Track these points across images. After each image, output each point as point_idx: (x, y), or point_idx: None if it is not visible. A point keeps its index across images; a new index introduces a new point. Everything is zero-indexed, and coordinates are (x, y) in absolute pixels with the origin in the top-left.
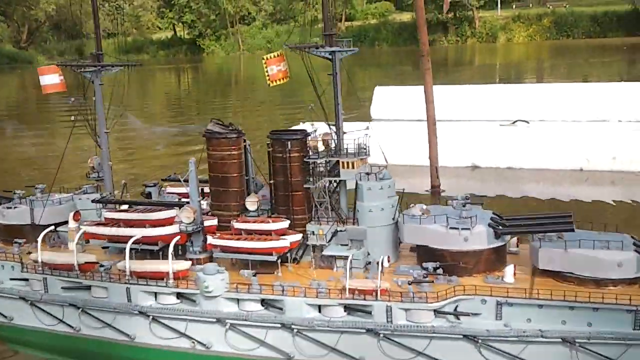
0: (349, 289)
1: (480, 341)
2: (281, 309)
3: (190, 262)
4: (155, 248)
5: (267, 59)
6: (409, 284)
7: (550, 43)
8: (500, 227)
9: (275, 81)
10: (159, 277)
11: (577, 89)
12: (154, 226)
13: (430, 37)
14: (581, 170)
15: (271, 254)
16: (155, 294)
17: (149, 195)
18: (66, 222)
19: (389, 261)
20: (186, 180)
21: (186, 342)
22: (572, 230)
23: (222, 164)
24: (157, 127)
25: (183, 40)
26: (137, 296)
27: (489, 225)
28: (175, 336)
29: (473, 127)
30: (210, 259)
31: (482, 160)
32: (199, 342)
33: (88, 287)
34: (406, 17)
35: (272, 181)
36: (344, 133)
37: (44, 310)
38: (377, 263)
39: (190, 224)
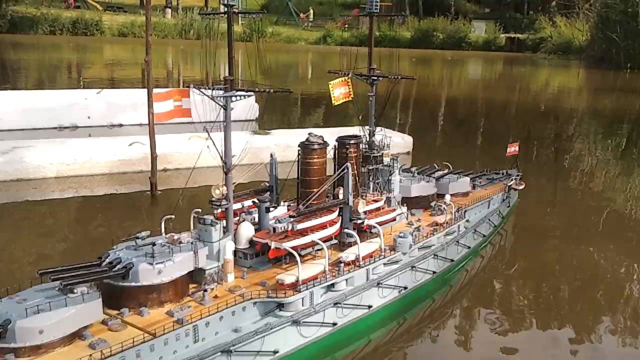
0: (441, 223)
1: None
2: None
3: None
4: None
5: (333, 84)
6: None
7: None
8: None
9: (339, 100)
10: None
11: None
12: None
13: None
14: None
15: (395, 220)
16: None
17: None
18: None
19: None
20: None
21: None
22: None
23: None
24: None
25: None
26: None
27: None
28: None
29: None
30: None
31: None
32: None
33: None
34: None
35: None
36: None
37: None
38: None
39: (361, 213)
